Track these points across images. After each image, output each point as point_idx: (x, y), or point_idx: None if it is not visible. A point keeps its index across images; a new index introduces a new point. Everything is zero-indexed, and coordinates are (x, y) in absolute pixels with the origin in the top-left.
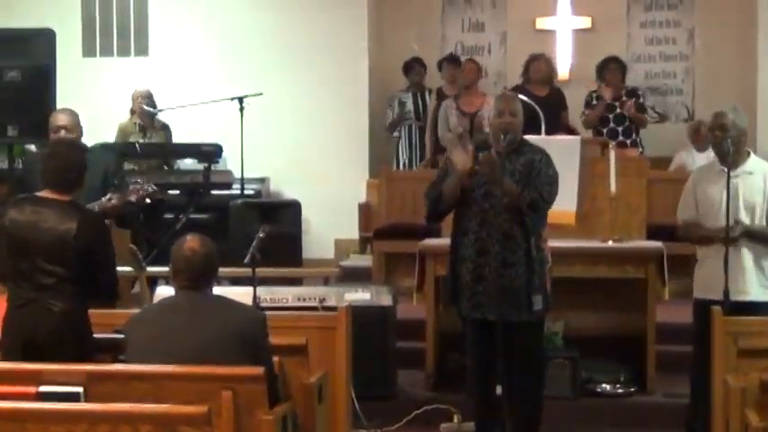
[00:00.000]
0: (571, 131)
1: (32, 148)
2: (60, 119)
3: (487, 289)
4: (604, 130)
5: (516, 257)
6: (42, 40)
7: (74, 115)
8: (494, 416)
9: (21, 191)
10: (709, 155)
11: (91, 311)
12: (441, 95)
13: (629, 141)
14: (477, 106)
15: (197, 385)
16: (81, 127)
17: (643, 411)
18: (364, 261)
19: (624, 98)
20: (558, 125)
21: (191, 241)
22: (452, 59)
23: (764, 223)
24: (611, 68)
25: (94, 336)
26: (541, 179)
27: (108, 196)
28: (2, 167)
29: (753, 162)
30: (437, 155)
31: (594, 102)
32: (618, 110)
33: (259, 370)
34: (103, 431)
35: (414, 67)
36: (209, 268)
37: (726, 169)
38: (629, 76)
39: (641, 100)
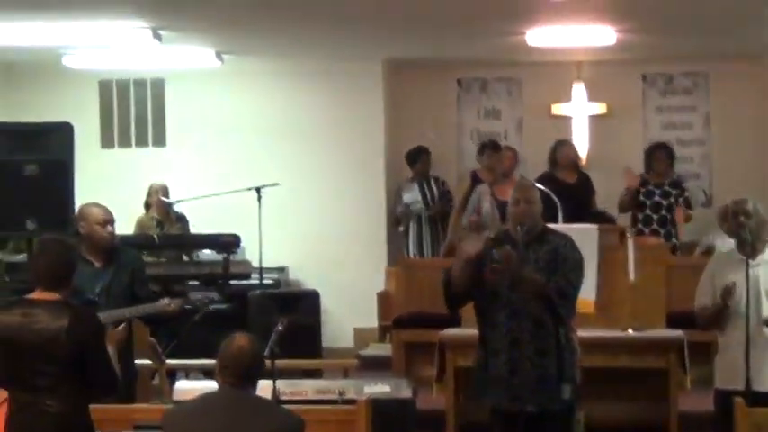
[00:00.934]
0: (605, 217)
1: None
2: (104, 213)
3: (524, 380)
4: (639, 217)
5: (548, 346)
6: (60, 134)
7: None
8: None
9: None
10: None
11: (109, 407)
12: (475, 179)
13: (662, 231)
14: None
15: None
16: None
17: None
18: (384, 350)
19: (667, 187)
20: (589, 211)
21: (240, 339)
22: (494, 146)
23: None
24: (657, 156)
25: None
26: (568, 265)
27: (167, 301)
28: (22, 260)
29: None
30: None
31: (641, 188)
32: (656, 198)
33: None
34: None
35: (420, 156)
36: (255, 367)
37: (745, 258)
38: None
39: (687, 194)
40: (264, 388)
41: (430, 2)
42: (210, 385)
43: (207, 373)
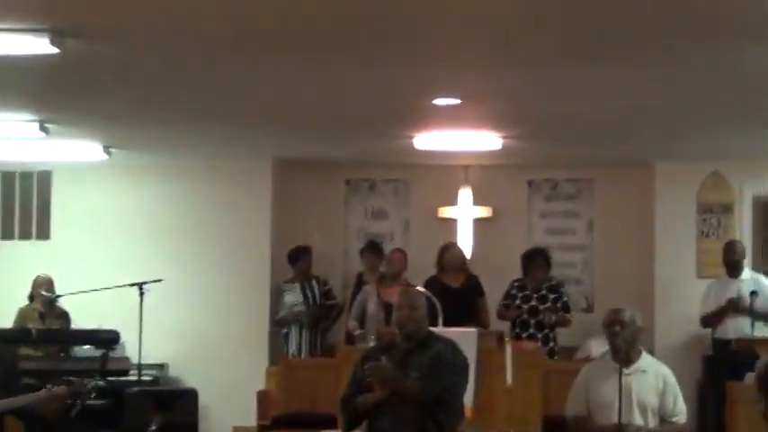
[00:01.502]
0: (485, 326)
1: None
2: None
3: None
4: (517, 322)
5: None
6: None
7: None
8: None
9: None
10: None
11: None
12: (360, 282)
13: (539, 335)
14: None
15: None
16: None
17: None
18: None
19: (544, 291)
20: (478, 315)
21: None
22: (372, 247)
23: (656, 424)
24: (534, 262)
25: None
26: (446, 370)
27: (50, 387)
28: None
29: (646, 361)
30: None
31: (514, 291)
32: (534, 302)
33: None
34: None
35: (302, 254)
36: None
37: (619, 366)
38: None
39: (564, 298)
40: None
41: (318, 104)
42: None
43: None
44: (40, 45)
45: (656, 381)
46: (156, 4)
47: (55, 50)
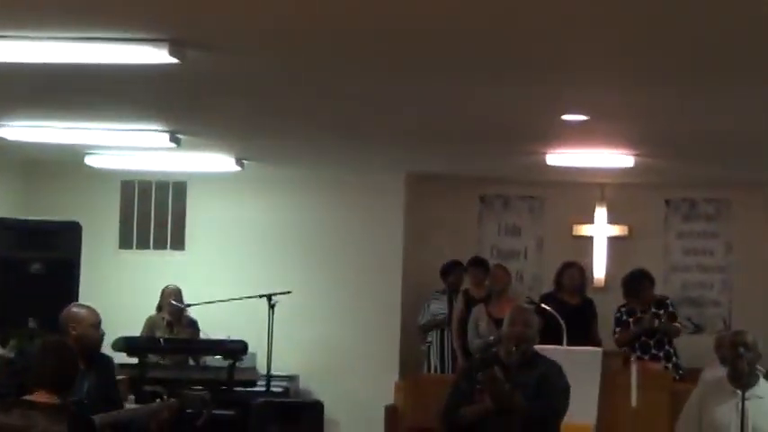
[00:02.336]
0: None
1: None
2: (96, 315)
3: None
4: (636, 345)
5: None
6: (68, 233)
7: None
8: None
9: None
10: None
11: None
12: (468, 298)
13: (661, 353)
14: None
15: None
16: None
17: None
18: None
19: (653, 310)
20: (589, 335)
21: None
22: (476, 262)
23: None
24: (642, 284)
25: None
26: (552, 392)
27: (161, 402)
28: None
29: (763, 386)
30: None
31: (624, 317)
32: (645, 323)
33: None
34: None
35: (454, 269)
36: None
37: (738, 390)
38: (665, 287)
39: (671, 309)
40: None
41: (448, 120)
42: None
43: None
44: (159, 55)
45: None
46: (280, 15)
47: (175, 61)
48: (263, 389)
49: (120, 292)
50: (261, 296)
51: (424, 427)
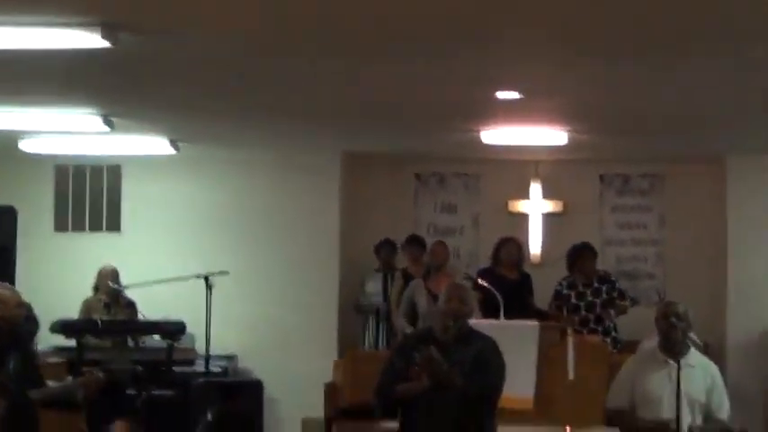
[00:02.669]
0: (542, 315)
1: None
2: (18, 295)
3: None
4: (577, 318)
5: None
6: (2, 218)
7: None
8: None
9: None
10: None
11: None
12: (406, 276)
13: (600, 328)
14: None
15: None
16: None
17: None
18: None
19: (596, 284)
20: (527, 309)
21: None
22: (413, 240)
23: (701, 421)
24: (583, 255)
25: None
26: (488, 369)
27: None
28: None
29: (694, 356)
30: None
31: (565, 291)
32: (589, 297)
33: None
34: None
35: (384, 248)
36: None
37: (669, 359)
38: (601, 261)
39: (617, 285)
40: None
41: (382, 97)
42: None
43: None
44: (91, 39)
45: (703, 377)
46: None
47: (107, 44)
48: (203, 369)
49: (58, 276)
50: (198, 276)
51: (363, 402)
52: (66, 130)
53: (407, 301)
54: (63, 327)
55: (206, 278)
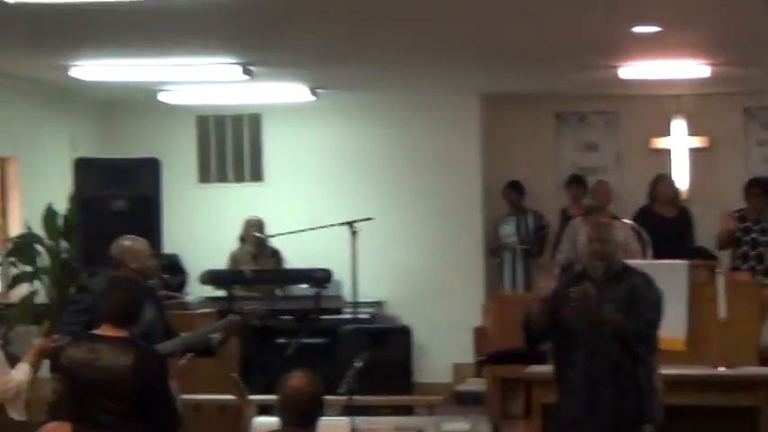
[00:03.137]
0: (705, 253)
1: None
2: (149, 246)
3: (602, 421)
4: (738, 252)
5: (626, 386)
6: (148, 170)
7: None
8: None
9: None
10: None
11: None
12: (565, 216)
13: (760, 268)
14: None
15: None
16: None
17: None
18: (480, 385)
19: (765, 225)
20: (688, 245)
21: (297, 380)
22: (574, 179)
23: None
24: (752, 193)
25: None
26: (644, 305)
27: (218, 323)
28: None
29: None
30: None
31: (735, 223)
32: (753, 234)
33: None
34: None
35: (510, 190)
36: (314, 408)
37: None
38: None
39: None
40: (341, 426)
41: (519, 38)
42: None
43: None
44: None
45: None
46: None
47: None
48: (350, 316)
49: (203, 227)
50: (342, 224)
51: (513, 347)
52: (205, 81)
53: (567, 240)
54: (212, 278)
55: (350, 225)
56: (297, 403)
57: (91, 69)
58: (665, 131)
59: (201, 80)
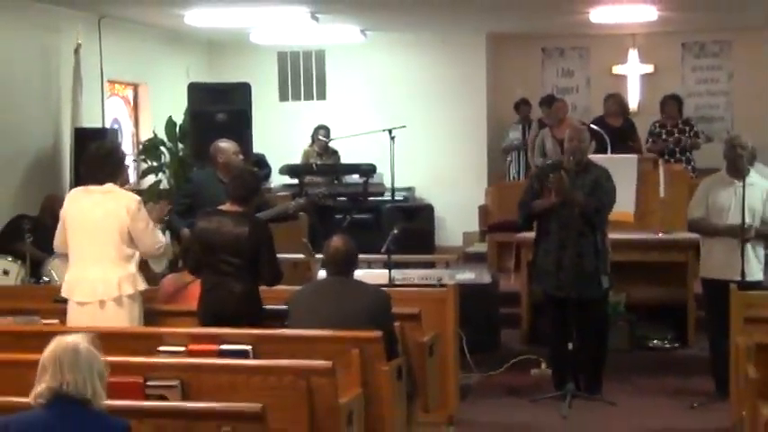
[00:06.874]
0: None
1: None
2: (236, 145)
3: (567, 275)
4: (672, 160)
5: (587, 249)
6: (242, 91)
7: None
8: (566, 363)
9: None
10: None
11: (265, 289)
12: (542, 125)
13: (683, 158)
14: None
15: (335, 345)
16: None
17: (684, 361)
18: (483, 248)
19: (681, 125)
20: (630, 148)
21: (336, 241)
22: (549, 98)
23: (760, 224)
24: (669, 103)
25: (266, 307)
26: (603, 191)
27: (297, 201)
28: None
29: (753, 176)
30: None
31: (657, 129)
32: (676, 134)
33: (378, 334)
34: (257, 380)
35: (522, 105)
36: (349, 261)
37: (736, 181)
38: (684, 109)
39: (695, 128)
40: (382, 275)
41: None
42: None
43: None
44: None
45: (760, 191)
46: None
47: None
48: (389, 198)
49: (283, 133)
50: (383, 130)
51: (506, 220)
52: (284, 25)
53: (539, 144)
54: (288, 169)
55: (389, 131)
56: (336, 258)
57: (200, 16)
58: (623, 60)
59: (281, 24)
